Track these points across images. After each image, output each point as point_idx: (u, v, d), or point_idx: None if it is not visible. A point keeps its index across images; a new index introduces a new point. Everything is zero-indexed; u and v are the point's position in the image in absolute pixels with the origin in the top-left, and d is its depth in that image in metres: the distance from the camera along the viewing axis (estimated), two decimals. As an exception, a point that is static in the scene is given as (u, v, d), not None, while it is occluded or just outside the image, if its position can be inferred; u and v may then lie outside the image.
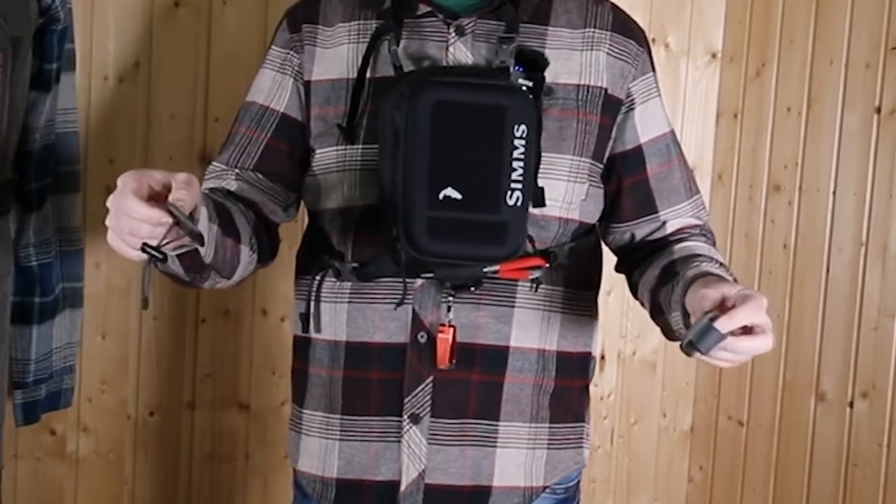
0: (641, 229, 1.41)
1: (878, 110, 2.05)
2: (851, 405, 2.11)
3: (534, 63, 1.27)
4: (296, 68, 1.36)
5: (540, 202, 1.27)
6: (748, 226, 2.43)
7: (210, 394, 2.33)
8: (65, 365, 1.92)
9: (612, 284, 2.56)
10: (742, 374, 2.44)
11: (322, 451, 1.36)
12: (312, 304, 1.34)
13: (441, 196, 1.18)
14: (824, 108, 2.19)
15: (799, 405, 2.25)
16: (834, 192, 2.17)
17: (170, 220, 1.04)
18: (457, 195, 1.19)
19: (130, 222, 1.04)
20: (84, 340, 2.17)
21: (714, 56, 2.52)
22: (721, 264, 1.33)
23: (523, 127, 1.19)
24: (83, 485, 2.31)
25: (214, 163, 1.42)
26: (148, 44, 2.23)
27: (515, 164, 1.19)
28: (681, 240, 1.39)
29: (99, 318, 2.25)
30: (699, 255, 1.33)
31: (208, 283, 1.27)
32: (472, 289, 1.27)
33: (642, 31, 1.39)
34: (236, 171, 1.39)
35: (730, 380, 2.49)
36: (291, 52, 1.37)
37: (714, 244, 1.42)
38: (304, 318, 1.35)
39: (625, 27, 1.36)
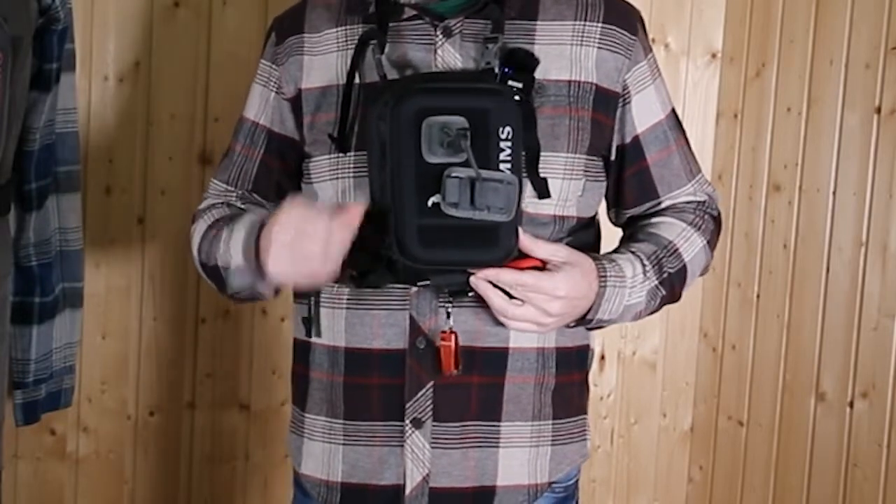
0: (642, 210, 1.41)
1: (878, 110, 2.04)
2: (851, 405, 2.11)
3: (522, 64, 1.26)
4: (277, 82, 1.37)
5: (545, 194, 1.27)
6: (748, 226, 2.43)
7: (210, 394, 2.33)
8: (65, 365, 1.91)
9: (612, 284, 2.57)
10: (742, 374, 2.44)
11: (326, 456, 1.36)
12: (312, 308, 1.34)
13: (430, 203, 1.18)
14: (824, 108, 2.19)
15: (799, 405, 2.25)
16: (834, 192, 2.17)
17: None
18: None
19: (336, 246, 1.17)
20: (84, 340, 2.17)
21: (714, 56, 2.52)
22: (667, 246, 1.33)
23: (508, 129, 1.18)
24: (83, 485, 2.31)
25: (216, 181, 1.45)
26: (148, 44, 2.23)
27: (503, 166, 1.18)
28: (663, 214, 1.39)
29: (99, 318, 2.25)
30: (656, 229, 1.35)
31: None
32: (470, 294, 1.26)
33: (636, 16, 1.37)
34: (238, 192, 1.43)
35: (730, 380, 2.49)
36: (273, 66, 1.38)
37: (706, 219, 1.40)
38: (307, 323, 1.35)
39: (617, 16, 1.34)
